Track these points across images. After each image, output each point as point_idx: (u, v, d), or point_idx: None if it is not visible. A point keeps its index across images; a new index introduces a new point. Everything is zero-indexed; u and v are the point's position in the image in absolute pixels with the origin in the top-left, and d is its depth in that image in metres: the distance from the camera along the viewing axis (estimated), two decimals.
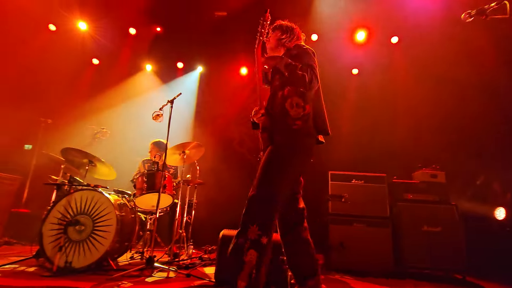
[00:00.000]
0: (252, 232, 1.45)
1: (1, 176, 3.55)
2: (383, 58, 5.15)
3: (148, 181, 2.83)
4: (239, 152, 5.73)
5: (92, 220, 2.43)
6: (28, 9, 4.74)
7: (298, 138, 1.63)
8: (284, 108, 1.65)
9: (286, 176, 1.58)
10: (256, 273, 1.41)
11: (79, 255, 2.34)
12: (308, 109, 1.65)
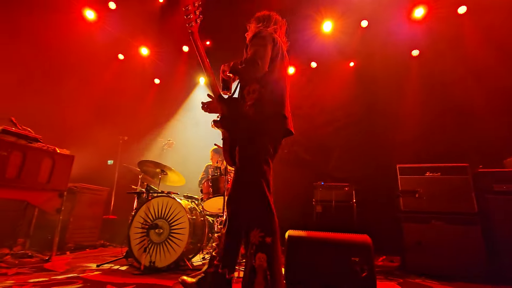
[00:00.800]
0: (254, 236, 1.43)
1: (93, 188, 4.16)
2: (448, 34, 4.54)
3: (213, 185, 2.99)
4: (293, 151, 5.68)
5: (169, 224, 2.67)
6: (102, 43, 5.53)
7: (252, 123, 1.59)
8: (242, 95, 1.66)
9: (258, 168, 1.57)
10: (270, 274, 1.37)
11: (160, 256, 2.60)
12: (263, 93, 1.61)
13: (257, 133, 1.59)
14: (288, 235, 2.30)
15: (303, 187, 5.03)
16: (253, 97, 1.61)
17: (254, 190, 1.53)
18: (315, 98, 5.93)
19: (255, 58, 1.56)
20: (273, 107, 1.62)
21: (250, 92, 1.63)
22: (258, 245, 1.42)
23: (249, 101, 1.61)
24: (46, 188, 2.94)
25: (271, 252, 1.41)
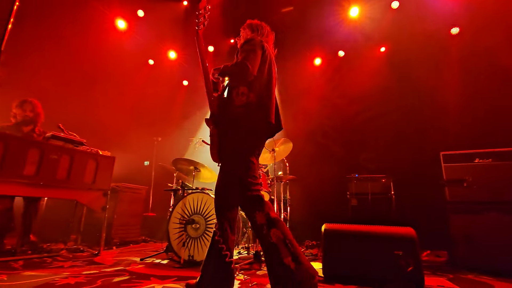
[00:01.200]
0: (260, 217, 1.53)
1: (133, 187, 4.41)
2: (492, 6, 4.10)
3: None
4: (323, 144, 5.55)
5: (204, 219, 2.74)
6: (133, 50, 5.83)
7: (239, 124, 1.68)
8: (231, 97, 1.75)
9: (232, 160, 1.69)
10: (290, 242, 1.46)
11: (198, 250, 2.67)
12: (252, 97, 1.69)
13: (244, 134, 1.70)
14: (324, 228, 2.24)
15: (336, 181, 4.89)
16: (242, 100, 1.71)
17: (234, 181, 1.63)
18: (343, 88, 5.72)
19: (246, 62, 1.66)
20: (260, 112, 1.71)
21: (239, 94, 1.73)
22: (267, 223, 1.52)
23: (238, 102, 1.71)
24: (92, 188, 3.16)
25: (280, 224, 1.52)
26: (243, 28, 2.08)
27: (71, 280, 1.96)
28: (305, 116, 5.81)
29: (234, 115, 1.70)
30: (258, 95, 1.71)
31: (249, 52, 1.72)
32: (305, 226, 4.60)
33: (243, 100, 1.70)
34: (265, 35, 2.03)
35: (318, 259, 3.11)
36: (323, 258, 2.17)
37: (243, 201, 1.63)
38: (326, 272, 2.16)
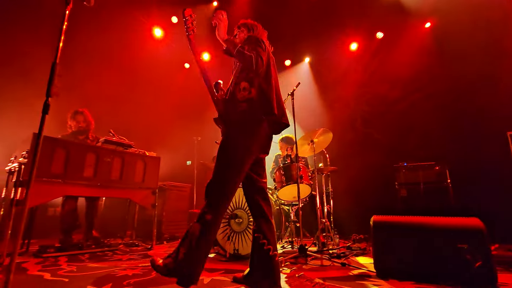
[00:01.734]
0: (203, 208, 1.60)
1: (178, 185, 4.64)
2: None
3: (285, 173, 2.97)
4: (365, 132, 5.25)
5: (247, 213, 2.76)
6: (171, 55, 6.12)
7: (244, 119, 1.70)
8: (233, 93, 1.77)
9: (236, 153, 1.66)
10: (195, 243, 1.51)
11: (243, 244, 2.71)
12: (253, 92, 1.71)
13: (240, 127, 1.72)
14: (373, 220, 2.11)
15: (381, 170, 4.60)
16: (244, 95, 1.74)
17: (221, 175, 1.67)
18: (383, 73, 5.34)
19: (259, 60, 1.73)
20: (262, 106, 1.72)
21: (241, 90, 1.76)
22: (199, 216, 1.59)
23: (241, 98, 1.74)
24: (142, 186, 3.39)
25: (206, 227, 1.55)
26: (238, 28, 2.11)
27: (129, 272, 2.11)
28: (343, 104, 5.56)
29: (238, 110, 1.72)
30: (259, 90, 1.74)
31: (257, 47, 1.77)
32: (350, 219, 4.41)
33: (245, 95, 1.74)
34: (260, 33, 2.06)
35: (367, 253, 2.96)
36: (374, 252, 2.04)
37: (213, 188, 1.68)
38: (378, 266, 2.03)
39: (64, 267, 2.24)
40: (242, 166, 1.68)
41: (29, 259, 2.56)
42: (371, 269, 2.13)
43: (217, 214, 1.61)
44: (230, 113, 1.76)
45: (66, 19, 1.62)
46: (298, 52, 6.32)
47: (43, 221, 4.20)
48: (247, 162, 1.70)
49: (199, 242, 1.52)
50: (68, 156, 2.82)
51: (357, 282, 1.84)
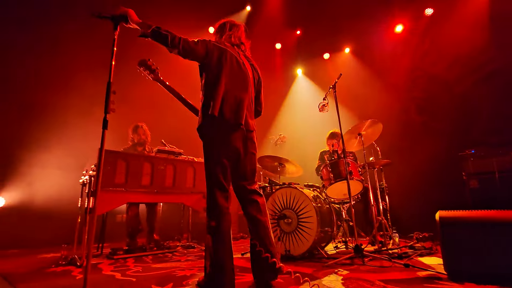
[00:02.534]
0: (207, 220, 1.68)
1: None
2: None
3: (333, 170, 2.84)
4: (419, 121, 4.78)
5: (296, 213, 2.71)
6: None
7: (205, 133, 1.72)
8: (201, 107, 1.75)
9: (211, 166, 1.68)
10: (213, 251, 1.58)
11: (293, 244, 2.66)
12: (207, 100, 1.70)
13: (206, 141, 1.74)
14: (439, 216, 1.88)
15: (443, 161, 4.15)
16: (200, 103, 1.78)
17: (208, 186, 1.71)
18: (436, 53, 4.82)
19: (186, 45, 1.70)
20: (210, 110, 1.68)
21: (205, 104, 1.73)
22: (207, 227, 1.66)
23: (201, 111, 1.76)
24: (193, 191, 3.57)
25: (214, 234, 1.62)
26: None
27: (187, 272, 2.22)
28: (392, 92, 5.15)
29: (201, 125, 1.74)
30: (210, 95, 1.71)
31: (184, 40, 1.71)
32: (410, 216, 4.05)
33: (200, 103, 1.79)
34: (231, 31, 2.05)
35: (434, 253, 2.67)
36: (444, 252, 1.82)
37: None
38: (450, 268, 1.81)
39: (132, 268, 2.46)
40: (215, 177, 1.68)
41: (103, 260, 2.87)
42: (440, 271, 1.91)
43: (218, 219, 1.67)
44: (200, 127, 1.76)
45: (115, 44, 1.79)
46: (337, 44, 6.07)
47: (113, 227, 4.70)
48: (218, 171, 1.69)
49: (216, 250, 1.59)
50: (128, 166, 3.11)
51: (426, 285, 1.66)
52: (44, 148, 4.49)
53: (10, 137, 4.30)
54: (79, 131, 4.56)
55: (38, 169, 4.46)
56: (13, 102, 4.45)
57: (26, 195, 4.39)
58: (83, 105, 4.72)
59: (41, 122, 4.53)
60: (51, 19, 4.68)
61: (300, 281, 1.62)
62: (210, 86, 1.74)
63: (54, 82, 4.74)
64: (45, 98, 4.65)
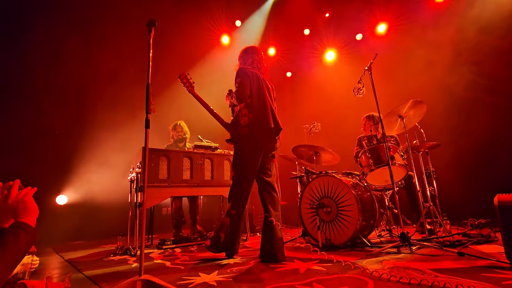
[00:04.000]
0: (229, 206, 2.34)
1: None
2: None
3: (373, 156, 2.71)
4: (470, 97, 4.31)
5: (335, 202, 2.65)
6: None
7: (246, 140, 2.31)
8: (237, 118, 2.38)
9: (245, 166, 2.34)
10: (230, 230, 2.33)
11: (334, 233, 2.62)
12: (252, 117, 2.30)
13: (245, 147, 2.33)
14: (498, 200, 1.71)
15: (501, 141, 3.73)
16: (245, 120, 2.32)
17: (237, 182, 2.37)
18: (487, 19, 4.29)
19: (239, 95, 2.33)
20: (261, 125, 2.31)
21: (242, 115, 2.34)
22: (227, 212, 2.34)
23: (243, 123, 2.33)
24: (230, 184, 3.67)
25: (233, 219, 2.34)
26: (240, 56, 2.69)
27: (231, 261, 2.31)
28: (437, 68, 4.71)
29: (242, 134, 2.31)
30: (255, 113, 2.31)
31: (242, 79, 2.36)
32: (462, 201, 3.73)
33: (246, 120, 2.31)
34: (253, 57, 2.60)
35: (493, 241, 2.44)
36: (506, 239, 1.66)
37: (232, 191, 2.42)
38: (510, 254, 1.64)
39: (179, 257, 2.63)
40: (250, 173, 2.35)
41: (154, 250, 3.11)
42: (502, 259, 1.74)
43: (239, 209, 2.34)
44: (237, 135, 2.36)
45: (151, 47, 1.88)
46: (370, 22, 5.70)
47: (160, 219, 5.05)
48: (254, 169, 2.35)
49: (232, 229, 2.33)
50: (169, 163, 3.29)
51: (484, 275, 1.53)
52: (96, 150, 4.95)
53: (67, 142, 4.81)
54: (126, 132, 4.92)
55: (93, 169, 4.93)
56: (68, 108, 4.95)
57: (84, 193, 4.90)
58: (127, 108, 5.09)
59: (93, 126, 4.98)
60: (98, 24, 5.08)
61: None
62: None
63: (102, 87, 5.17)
64: (95, 102, 5.10)
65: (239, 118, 2.35)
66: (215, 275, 1.86)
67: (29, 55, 4.57)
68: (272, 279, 1.70)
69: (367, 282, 1.53)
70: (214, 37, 6.30)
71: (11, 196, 0.95)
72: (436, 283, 1.36)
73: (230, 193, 2.38)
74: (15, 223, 0.91)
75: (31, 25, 4.65)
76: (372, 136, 3.12)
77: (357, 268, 1.79)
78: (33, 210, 0.96)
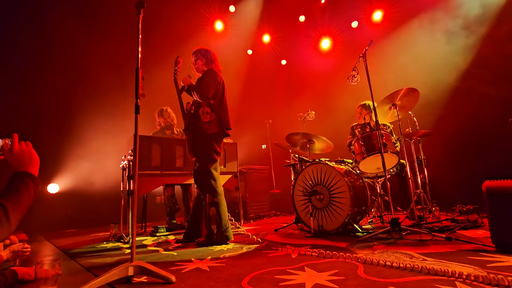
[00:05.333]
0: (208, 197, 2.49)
1: (257, 168, 4.84)
2: None
3: (366, 144, 2.72)
4: (462, 86, 4.33)
5: (327, 189, 2.68)
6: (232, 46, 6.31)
7: (208, 134, 2.53)
8: (197, 113, 2.55)
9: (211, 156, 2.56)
10: (219, 218, 2.45)
11: (327, 220, 2.65)
12: (213, 116, 2.55)
13: (208, 140, 2.54)
14: (487, 187, 1.74)
15: (490, 129, 3.79)
16: (207, 117, 2.53)
17: (205, 173, 2.50)
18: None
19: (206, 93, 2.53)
20: (221, 125, 2.57)
21: (204, 113, 2.53)
22: (210, 202, 2.46)
23: (205, 119, 2.52)
24: (224, 172, 3.67)
25: (217, 206, 2.46)
26: (194, 55, 2.74)
27: (223, 247, 2.33)
28: (430, 57, 4.70)
29: (203, 128, 2.50)
30: (217, 114, 2.56)
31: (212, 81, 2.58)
32: (451, 188, 3.81)
33: (207, 118, 2.52)
34: (214, 61, 2.74)
35: (480, 226, 2.51)
36: (492, 223, 1.70)
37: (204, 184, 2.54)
38: (498, 240, 1.69)
39: (173, 243, 2.64)
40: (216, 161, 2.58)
41: (147, 237, 3.11)
42: (487, 243, 1.79)
43: (218, 194, 2.49)
44: (197, 129, 2.53)
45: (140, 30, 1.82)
46: (366, 9, 5.63)
47: (153, 207, 5.04)
48: (217, 158, 2.59)
49: (220, 216, 2.45)
50: (162, 150, 3.25)
51: (471, 258, 1.57)
52: (87, 138, 4.86)
53: (57, 131, 4.71)
54: (120, 119, 4.83)
55: (85, 157, 4.86)
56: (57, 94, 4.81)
57: (76, 181, 4.84)
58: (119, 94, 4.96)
59: (84, 113, 4.87)
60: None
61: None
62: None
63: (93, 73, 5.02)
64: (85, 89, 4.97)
65: (200, 114, 2.54)
66: (208, 261, 1.88)
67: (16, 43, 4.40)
68: (264, 264, 1.72)
69: (357, 266, 1.56)
70: (208, 23, 6.14)
71: (15, 146, 0.97)
72: (424, 266, 1.39)
73: (202, 185, 2.53)
74: (21, 173, 0.93)
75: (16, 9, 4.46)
76: (365, 124, 3.12)
77: (348, 253, 1.83)
78: (36, 159, 1.00)
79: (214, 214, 2.42)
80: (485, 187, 1.75)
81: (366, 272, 1.43)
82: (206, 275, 1.56)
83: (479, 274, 1.21)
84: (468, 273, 1.25)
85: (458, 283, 1.20)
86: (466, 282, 1.20)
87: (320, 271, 1.50)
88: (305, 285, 1.30)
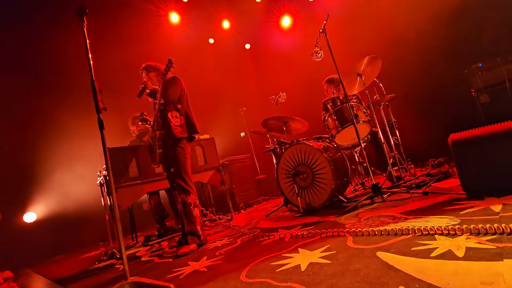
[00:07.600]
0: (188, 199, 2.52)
1: (238, 158, 4.84)
2: None
3: (338, 117, 2.79)
4: (421, 46, 4.48)
5: (309, 167, 2.74)
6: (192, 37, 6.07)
7: (181, 138, 2.59)
8: (167, 119, 2.58)
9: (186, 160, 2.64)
10: (200, 219, 2.57)
11: (313, 197, 2.73)
12: (183, 120, 2.65)
13: (181, 143, 2.60)
14: (451, 140, 1.85)
15: (450, 83, 3.99)
16: (177, 121, 2.61)
17: (179, 175, 2.55)
18: None
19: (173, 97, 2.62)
20: (191, 127, 2.69)
21: (173, 117, 2.61)
22: (187, 205, 2.50)
23: (176, 123, 2.60)
24: (206, 168, 3.64)
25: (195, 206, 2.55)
26: (145, 70, 2.73)
27: (218, 243, 2.35)
28: (388, 21, 4.79)
29: (175, 132, 2.56)
30: (185, 118, 2.67)
31: (177, 86, 2.67)
32: (423, 145, 4.04)
33: (178, 121, 2.61)
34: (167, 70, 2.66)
35: (451, 176, 2.69)
36: (460, 172, 1.82)
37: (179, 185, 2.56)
38: (467, 187, 1.83)
39: (167, 250, 2.62)
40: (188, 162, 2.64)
41: (140, 248, 3.07)
42: (459, 192, 1.93)
43: (193, 193, 2.56)
44: (169, 135, 2.54)
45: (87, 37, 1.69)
46: None
47: (142, 216, 4.93)
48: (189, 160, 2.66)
49: (199, 216, 2.54)
50: (138, 159, 3.15)
51: (447, 209, 1.69)
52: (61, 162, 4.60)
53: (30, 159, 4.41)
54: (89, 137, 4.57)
55: (61, 181, 4.61)
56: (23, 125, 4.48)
57: (55, 206, 4.61)
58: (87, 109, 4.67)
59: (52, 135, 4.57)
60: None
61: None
62: None
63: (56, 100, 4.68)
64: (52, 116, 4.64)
65: (170, 118, 2.60)
66: (205, 261, 1.89)
67: None
68: (259, 253, 1.75)
69: (346, 237, 1.63)
70: (162, 14, 5.84)
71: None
72: (406, 227, 1.48)
73: (181, 188, 2.53)
74: None
75: None
76: (335, 98, 3.18)
77: (336, 226, 1.90)
78: None
79: (197, 215, 2.53)
80: (450, 140, 1.87)
81: (355, 242, 1.51)
82: (204, 276, 1.58)
83: (454, 225, 1.31)
84: (445, 226, 1.35)
85: (437, 236, 1.30)
86: (444, 233, 1.30)
87: (313, 250, 1.55)
88: (301, 266, 1.35)
